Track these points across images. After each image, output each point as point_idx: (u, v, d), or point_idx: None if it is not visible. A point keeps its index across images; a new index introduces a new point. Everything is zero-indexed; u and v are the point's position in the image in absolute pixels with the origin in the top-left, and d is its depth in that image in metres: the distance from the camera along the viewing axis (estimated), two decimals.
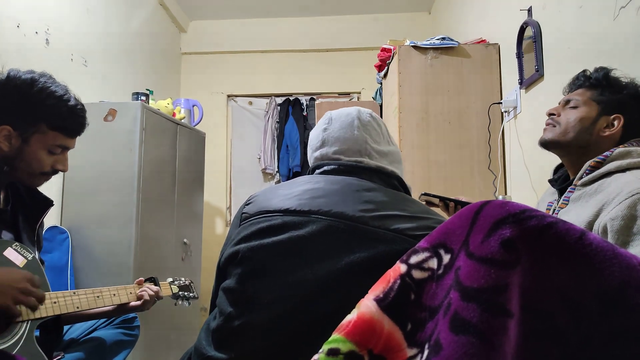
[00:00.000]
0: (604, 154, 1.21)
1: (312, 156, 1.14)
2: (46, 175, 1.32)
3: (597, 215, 1.10)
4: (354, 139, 1.08)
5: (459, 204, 1.64)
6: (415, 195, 1.25)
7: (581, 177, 1.24)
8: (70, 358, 1.40)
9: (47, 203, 1.39)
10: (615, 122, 1.25)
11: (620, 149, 1.20)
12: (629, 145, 1.21)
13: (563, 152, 1.33)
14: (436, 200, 1.67)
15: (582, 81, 1.34)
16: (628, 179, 1.10)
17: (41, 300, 1.15)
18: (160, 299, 1.57)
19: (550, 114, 1.36)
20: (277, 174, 4.45)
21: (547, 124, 1.36)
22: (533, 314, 0.57)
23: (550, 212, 1.33)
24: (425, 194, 1.69)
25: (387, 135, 1.15)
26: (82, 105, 1.33)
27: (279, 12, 4.37)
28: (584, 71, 1.36)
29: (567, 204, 1.25)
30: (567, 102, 1.34)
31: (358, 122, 1.10)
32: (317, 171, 1.09)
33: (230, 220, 4.40)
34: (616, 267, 0.56)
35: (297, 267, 0.90)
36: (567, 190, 1.28)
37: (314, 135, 1.15)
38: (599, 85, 1.29)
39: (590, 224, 1.11)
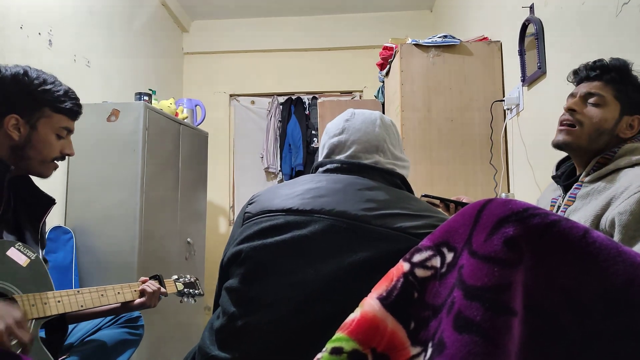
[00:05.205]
0: (612, 150, 1.19)
1: (328, 142, 1.13)
2: (55, 162, 1.34)
3: (605, 209, 1.09)
4: (374, 134, 1.09)
5: (460, 204, 1.62)
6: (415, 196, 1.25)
7: (588, 174, 1.21)
8: (75, 358, 1.41)
9: (50, 201, 1.39)
10: (636, 123, 1.20)
11: (628, 145, 1.17)
12: (636, 141, 1.19)
13: (579, 154, 1.25)
14: (436, 202, 1.67)
15: (599, 73, 1.22)
16: (637, 173, 1.08)
17: (30, 342, 1.10)
18: (165, 296, 1.57)
19: (570, 109, 1.24)
20: (280, 173, 4.45)
21: (565, 122, 1.25)
22: (537, 312, 0.57)
23: (555, 209, 1.31)
24: (426, 195, 1.68)
25: (401, 145, 1.17)
26: (72, 90, 1.38)
27: (280, 11, 4.37)
28: (601, 60, 1.24)
29: (573, 201, 1.21)
30: (587, 95, 1.23)
31: (380, 121, 1.12)
32: (320, 170, 1.09)
33: (233, 219, 4.41)
34: (620, 265, 0.56)
35: (300, 267, 0.90)
36: (573, 187, 1.24)
37: (334, 124, 1.14)
38: (620, 81, 1.20)
39: (598, 218, 1.10)
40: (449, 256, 0.63)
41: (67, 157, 1.37)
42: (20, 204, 1.33)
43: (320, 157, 1.15)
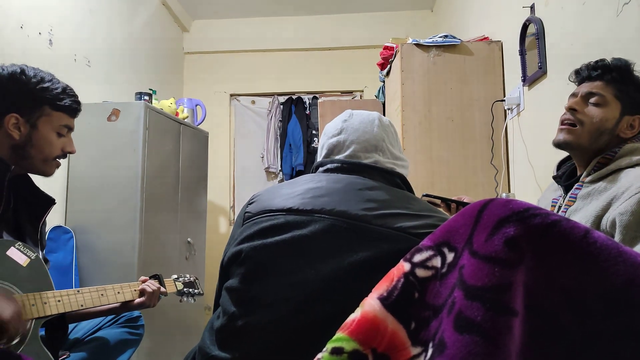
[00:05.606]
0: (613, 149, 1.19)
1: (327, 143, 1.13)
2: (57, 160, 1.34)
3: (605, 210, 1.09)
4: (372, 134, 1.10)
5: (461, 204, 1.62)
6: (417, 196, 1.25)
7: (589, 174, 1.21)
8: (75, 357, 1.41)
9: (50, 201, 1.39)
10: (637, 123, 1.20)
11: (629, 145, 1.17)
12: (637, 141, 1.19)
13: (579, 154, 1.26)
14: (438, 201, 1.66)
15: (601, 73, 1.22)
16: (638, 173, 1.08)
17: (11, 339, 1.10)
18: (165, 295, 1.57)
19: (571, 109, 1.24)
20: (280, 173, 4.45)
21: (566, 121, 1.25)
22: (537, 312, 0.57)
23: (556, 209, 1.30)
24: (427, 195, 1.68)
25: (400, 146, 1.17)
26: (70, 87, 1.38)
27: (281, 11, 4.37)
28: (603, 60, 1.24)
29: (574, 201, 1.22)
30: (588, 95, 1.23)
31: (379, 122, 1.12)
32: (320, 169, 1.09)
33: (233, 219, 4.41)
34: (621, 265, 0.56)
35: (300, 267, 0.90)
36: (574, 187, 1.24)
37: (332, 125, 1.15)
38: (622, 81, 1.20)
39: (599, 218, 1.10)
40: (450, 256, 0.63)
41: (68, 155, 1.38)
42: (21, 203, 1.33)
43: (319, 157, 1.15)
